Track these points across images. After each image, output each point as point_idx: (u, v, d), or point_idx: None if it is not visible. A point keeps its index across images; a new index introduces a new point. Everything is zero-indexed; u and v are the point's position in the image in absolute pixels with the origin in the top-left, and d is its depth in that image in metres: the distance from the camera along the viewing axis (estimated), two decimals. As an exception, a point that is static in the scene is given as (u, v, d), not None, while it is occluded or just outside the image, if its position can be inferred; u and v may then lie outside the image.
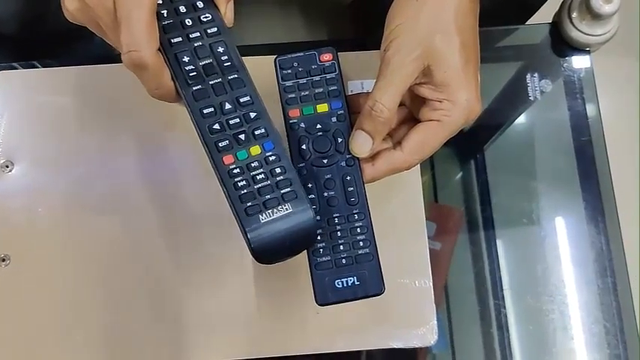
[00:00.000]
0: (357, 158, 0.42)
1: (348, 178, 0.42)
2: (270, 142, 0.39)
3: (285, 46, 0.55)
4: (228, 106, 0.39)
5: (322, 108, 0.43)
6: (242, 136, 0.39)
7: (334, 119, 0.43)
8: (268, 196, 0.38)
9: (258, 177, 0.38)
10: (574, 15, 0.54)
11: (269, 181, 0.38)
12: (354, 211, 0.41)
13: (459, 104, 0.41)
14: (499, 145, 0.56)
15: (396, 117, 0.43)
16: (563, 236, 0.53)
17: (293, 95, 0.43)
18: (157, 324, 0.48)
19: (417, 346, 0.48)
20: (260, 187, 0.38)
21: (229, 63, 0.39)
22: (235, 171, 0.38)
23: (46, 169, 0.49)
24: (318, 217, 0.41)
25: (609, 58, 0.57)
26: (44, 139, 0.50)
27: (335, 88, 0.43)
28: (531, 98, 0.56)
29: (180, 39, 0.39)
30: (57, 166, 0.50)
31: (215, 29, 0.40)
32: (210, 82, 0.39)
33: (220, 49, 0.40)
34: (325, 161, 0.42)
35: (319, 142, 0.42)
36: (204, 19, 0.40)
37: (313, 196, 0.41)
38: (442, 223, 0.54)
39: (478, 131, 0.57)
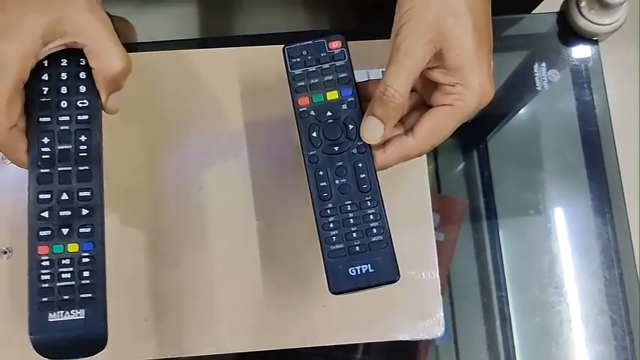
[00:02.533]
0: (369, 145, 0.42)
1: (360, 165, 0.41)
2: (91, 243, 0.39)
3: (288, 35, 0.55)
4: (65, 196, 0.39)
5: (332, 95, 0.42)
6: (66, 230, 0.39)
7: (344, 106, 0.42)
8: (66, 297, 0.38)
9: (63, 275, 0.38)
10: (582, 4, 0.54)
11: (74, 282, 0.38)
12: (367, 198, 0.41)
13: (471, 88, 0.40)
14: (505, 136, 0.56)
15: (407, 103, 0.42)
16: (570, 227, 0.53)
17: (302, 83, 0.42)
18: (162, 317, 0.48)
19: (423, 338, 0.48)
20: (61, 286, 0.38)
21: (85, 154, 0.40)
22: (44, 263, 0.38)
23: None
24: (330, 205, 0.41)
25: (617, 48, 0.56)
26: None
27: (345, 75, 0.42)
28: (539, 88, 0.55)
29: (48, 119, 0.40)
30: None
31: (86, 117, 0.40)
32: (59, 169, 0.40)
33: (83, 138, 0.40)
34: (336, 149, 0.41)
35: (330, 129, 0.42)
36: (80, 105, 0.40)
37: (325, 183, 0.41)
38: (445, 215, 0.54)
39: (484, 121, 0.56)
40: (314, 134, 0.42)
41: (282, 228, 0.49)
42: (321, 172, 0.41)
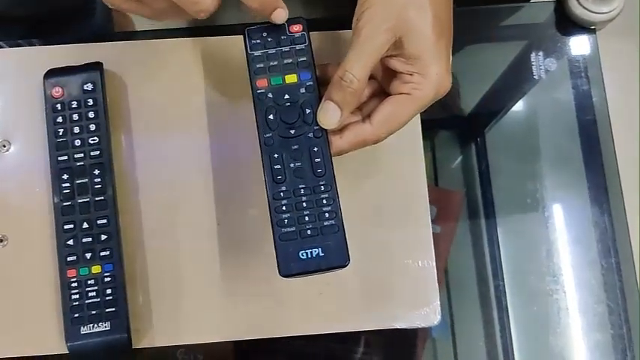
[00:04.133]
0: (325, 130, 0.42)
1: (316, 149, 0.41)
2: (111, 264, 0.45)
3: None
4: (85, 225, 0.45)
5: (291, 79, 0.42)
6: (89, 255, 0.45)
7: (303, 90, 0.42)
8: (93, 312, 0.45)
9: (90, 293, 0.45)
10: (579, -8, 0.53)
11: (99, 299, 0.45)
12: (321, 183, 0.41)
13: (429, 78, 0.41)
14: (503, 125, 0.56)
15: (366, 90, 0.43)
16: (567, 217, 0.53)
17: (261, 65, 0.42)
18: (156, 305, 0.48)
19: (420, 327, 0.48)
20: (89, 303, 0.45)
21: (100, 186, 0.46)
22: (73, 284, 0.45)
23: (44, 148, 0.48)
24: (284, 188, 0.41)
25: (615, 39, 0.56)
26: (42, 118, 0.49)
27: (304, 59, 0.42)
28: (536, 77, 0.55)
29: (66, 157, 0.46)
30: (55, 146, 0.49)
31: (98, 152, 0.46)
32: (79, 201, 0.46)
33: (96, 172, 0.46)
34: (292, 132, 0.41)
35: (287, 112, 0.42)
36: (92, 142, 0.47)
37: (279, 166, 0.41)
38: (442, 207, 0.54)
39: (482, 111, 0.56)
40: (270, 117, 0.42)
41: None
42: (275, 155, 0.41)
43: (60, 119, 0.47)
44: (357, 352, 0.50)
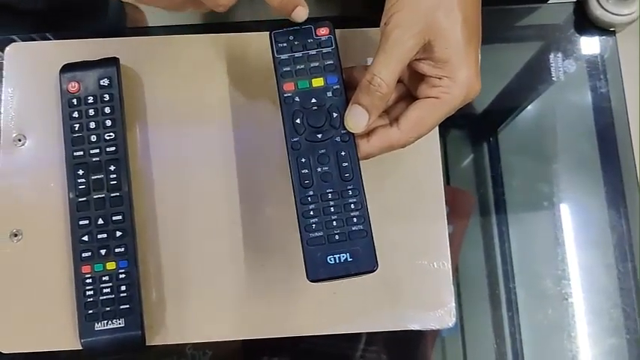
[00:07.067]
0: (352, 134, 0.41)
1: (343, 153, 0.41)
2: (126, 261, 0.45)
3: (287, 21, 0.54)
4: (101, 221, 0.45)
5: (318, 82, 0.42)
6: (104, 251, 0.45)
7: (330, 94, 0.42)
8: (108, 309, 0.44)
9: (104, 290, 0.45)
10: (600, -6, 0.53)
11: (114, 295, 0.45)
12: (348, 187, 0.41)
13: (458, 82, 0.40)
14: (517, 126, 0.55)
15: (393, 93, 0.42)
16: (584, 220, 0.53)
17: (288, 69, 0.42)
18: (169, 300, 0.48)
19: (434, 328, 0.48)
20: (103, 299, 0.45)
21: (116, 182, 0.46)
22: (88, 281, 0.45)
23: (59, 143, 0.48)
24: (312, 192, 0.40)
25: (634, 40, 0.56)
26: (57, 112, 0.49)
27: (331, 62, 0.42)
28: (554, 79, 0.55)
29: (81, 153, 0.46)
30: (69, 141, 0.49)
31: (114, 148, 0.46)
32: (94, 197, 0.46)
33: (112, 168, 0.46)
34: (320, 136, 0.41)
35: (314, 116, 0.41)
36: (108, 137, 0.46)
37: (307, 170, 0.41)
38: (454, 207, 0.53)
39: (496, 110, 0.56)
40: (298, 120, 0.41)
41: (292, 215, 0.49)
42: (303, 159, 0.41)
43: (76, 114, 0.47)
44: (366, 350, 0.50)
